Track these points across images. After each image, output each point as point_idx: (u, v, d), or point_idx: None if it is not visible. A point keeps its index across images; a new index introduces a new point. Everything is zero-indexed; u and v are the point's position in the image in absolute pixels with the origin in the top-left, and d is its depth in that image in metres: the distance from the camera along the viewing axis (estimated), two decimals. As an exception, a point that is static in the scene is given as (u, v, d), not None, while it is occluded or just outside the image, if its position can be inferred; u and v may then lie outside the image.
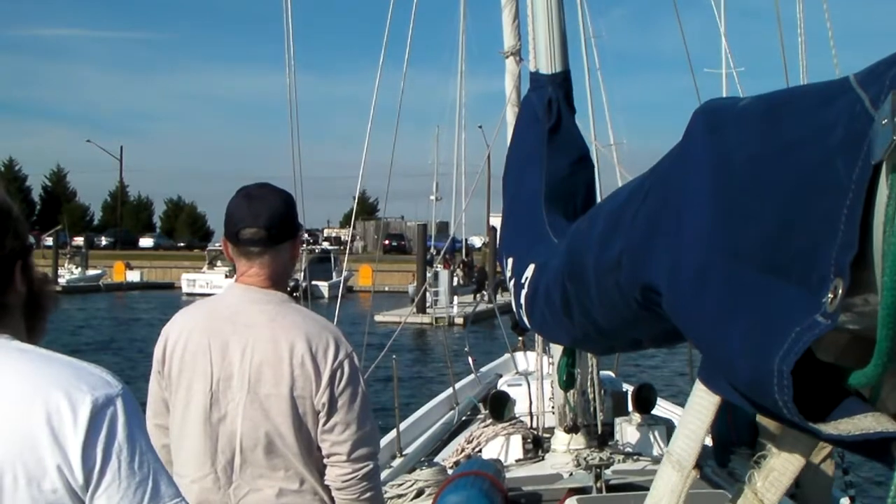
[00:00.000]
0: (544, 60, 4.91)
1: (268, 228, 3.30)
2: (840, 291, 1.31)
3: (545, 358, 7.24)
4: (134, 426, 1.78)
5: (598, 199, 4.69)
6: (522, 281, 3.63)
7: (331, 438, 3.24)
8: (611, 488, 4.96)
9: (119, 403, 1.76)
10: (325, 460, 3.28)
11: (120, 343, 31.19)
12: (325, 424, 3.23)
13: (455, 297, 41.81)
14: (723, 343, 1.57)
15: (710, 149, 1.72)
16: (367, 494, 3.31)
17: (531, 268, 3.55)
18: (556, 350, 6.02)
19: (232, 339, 3.25)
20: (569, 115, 4.75)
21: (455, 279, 45.06)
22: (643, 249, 2.02)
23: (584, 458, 5.40)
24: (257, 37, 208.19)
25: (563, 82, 4.86)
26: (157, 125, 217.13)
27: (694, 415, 1.84)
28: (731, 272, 1.57)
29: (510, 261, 4.01)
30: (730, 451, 5.48)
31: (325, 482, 3.29)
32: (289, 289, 3.50)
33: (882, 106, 1.26)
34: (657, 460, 5.90)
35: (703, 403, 1.82)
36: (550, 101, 4.70)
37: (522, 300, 3.60)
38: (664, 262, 1.87)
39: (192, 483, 3.20)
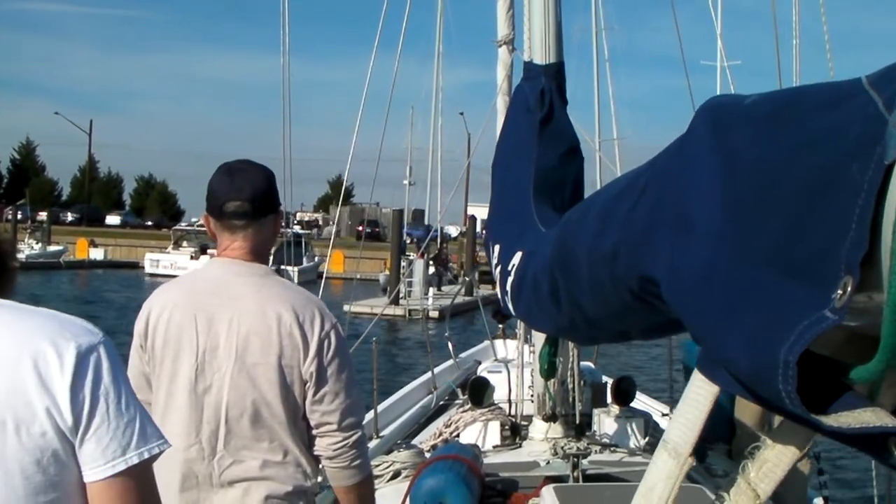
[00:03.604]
0: (539, 51, 4.93)
1: (251, 201, 3.33)
2: (850, 288, 1.34)
3: (526, 346, 7.27)
4: (118, 372, 1.83)
5: (587, 192, 4.71)
6: (509, 268, 3.65)
7: (321, 408, 3.28)
8: (587, 478, 4.99)
9: (102, 350, 1.82)
10: (314, 430, 3.32)
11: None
12: (314, 395, 3.27)
13: (430, 289, 40.07)
14: (727, 334, 1.59)
15: (717, 146, 1.74)
16: (357, 462, 3.36)
17: (518, 255, 3.58)
18: (538, 338, 6.05)
19: (218, 312, 3.27)
20: (561, 106, 4.76)
21: (430, 269, 42.93)
22: (642, 241, 2.04)
23: (562, 448, 5.43)
24: (238, 18, 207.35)
25: (556, 73, 4.87)
26: (137, 103, 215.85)
27: (691, 404, 1.87)
28: (738, 267, 1.59)
29: (497, 248, 4.03)
30: (707, 447, 5.53)
31: (315, 452, 3.33)
32: None
33: None
34: (634, 452, 5.95)
35: (701, 393, 1.84)
36: (543, 92, 4.71)
37: (508, 287, 3.62)
38: (665, 254, 1.89)
39: (178, 454, 3.22)
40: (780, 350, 1.41)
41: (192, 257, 55.26)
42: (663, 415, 8.06)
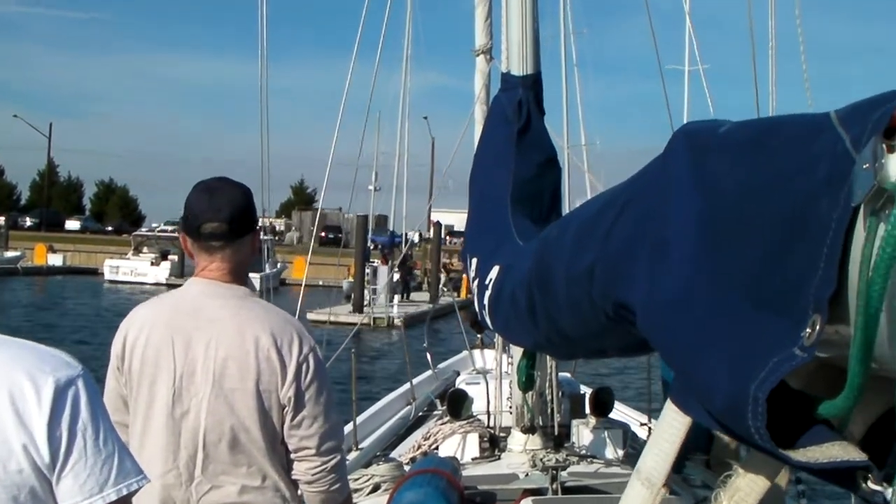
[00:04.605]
0: (516, 61, 4.91)
1: (229, 222, 3.28)
2: (818, 327, 1.36)
3: (504, 357, 7.25)
4: (96, 406, 1.81)
5: (565, 201, 4.71)
6: (486, 282, 3.63)
7: (299, 433, 3.25)
8: (566, 490, 4.98)
9: (80, 384, 1.79)
10: (292, 455, 3.29)
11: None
12: (292, 419, 3.24)
13: (395, 297, 39.10)
14: (700, 367, 1.60)
15: (696, 172, 1.74)
16: (336, 486, 3.34)
17: (496, 269, 3.56)
18: (516, 350, 6.03)
19: (195, 334, 3.23)
20: (538, 117, 4.76)
21: (394, 276, 41.18)
22: (618, 264, 2.04)
23: (541, 459, 5.42)
24: (200, 21, 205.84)
25: (533, 84, 4.86)
26: (98, 107, 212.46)
27: (665, 434, 1.87)
28: (714, 298, 1.60)
29: (474, 261, 4.01)
30: (685, 458, 5.51)
31: (293, 476, 3.31)
32: None
33: (863, 151, 1.30)
34: (612, 463, 5.93)
35: (674, 424, 1.84)
36: (521, 103, 4.70)
37: (486, 301, 3.60)
38: (641, 280, 1.88)
39: (156, 480, 3.17)
40: (750, 385, 1.43)
41: (152, 263, 54.88)
42: (641, 424, 8.06)
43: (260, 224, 3.71)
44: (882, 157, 1.27)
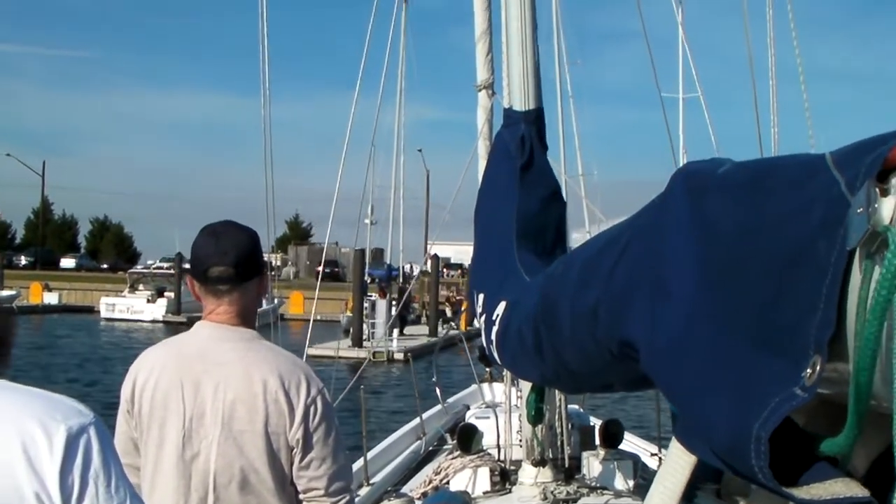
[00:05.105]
0: (518, 97, 4.95)
1: (236, 266, 3.30)
2: (819, 368, 1.37)
3: (513, 390, 7.24)
4: (108, 453, 1.83)
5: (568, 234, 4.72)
6: (493, 318, 3.64)
7: (308, 474, 3.26)
8: None
9: (92, 431, 1.81)
10: (301, 496, 3.30)
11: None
12: (301, 461, 3.25)
13: (395, 331, 38.55)
14: (702, 407, 1.62)
15: (695, 213, 1.76)
16: None
17: (502, 305, 3.57)
18: (525, 383, 6.03)
19: (204, 378, 3.25)
20: (541, 152, 4.79)
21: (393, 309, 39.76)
22: (621, 303, 2.06)
23: (552, 492, 5.42)
24: (192, 58, 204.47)
25: (535, 119, 4.90)
26: (91, 144, 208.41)
27: (670, 473, 1.89)
28: (715, 338, 1.62)
29: (481, 297, 4.03)
30: (696, 487, 5.50)
31: None
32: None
33: (858, 194, 1.31)
34: (622, 495, 5.92)
35: (679, 463, 1.86)
36: (523, 139, 4.73)
37: (493, 337, 3.61)
38: (644, 321, 1.90)
39: None
40: (753, 426, 1.45)
41: (148, 300, 54.63)
42: (652, 455, 8.03)
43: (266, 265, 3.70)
44: (875, 201, 1.30)
